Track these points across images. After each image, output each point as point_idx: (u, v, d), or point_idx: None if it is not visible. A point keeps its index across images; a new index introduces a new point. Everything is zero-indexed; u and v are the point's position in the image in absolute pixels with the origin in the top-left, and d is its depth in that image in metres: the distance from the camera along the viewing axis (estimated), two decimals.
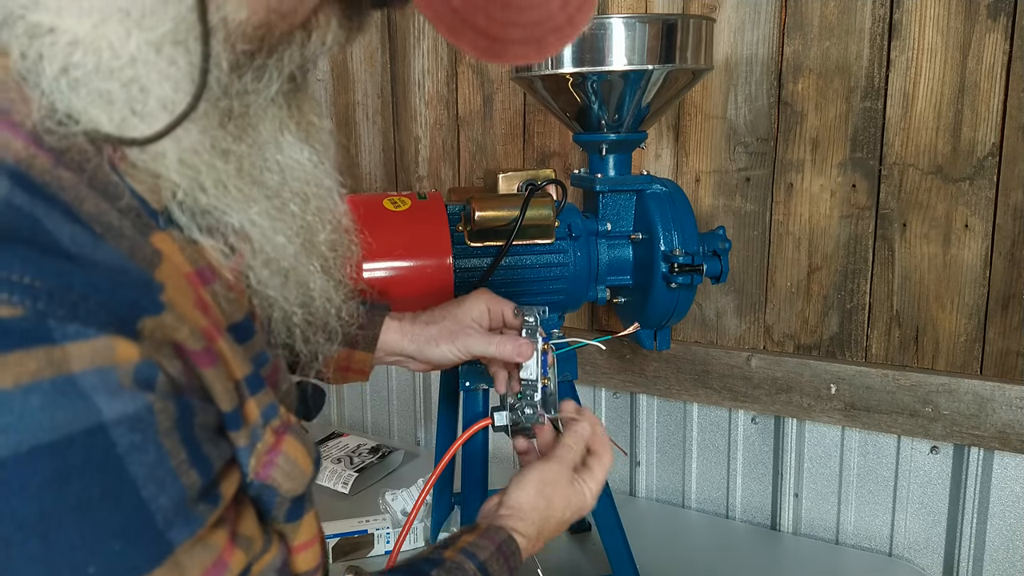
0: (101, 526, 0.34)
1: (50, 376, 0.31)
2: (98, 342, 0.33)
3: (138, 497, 0.34)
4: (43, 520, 0.32)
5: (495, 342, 0.79)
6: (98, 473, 0.33)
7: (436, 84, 1.52)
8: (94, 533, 0.33)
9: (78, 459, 0.32)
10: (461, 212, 0.98)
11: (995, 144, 1.11)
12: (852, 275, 1.23)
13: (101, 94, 0.37)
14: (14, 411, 0.31)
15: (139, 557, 0.35)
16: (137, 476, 0.34)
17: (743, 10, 1.23)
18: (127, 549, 0.34)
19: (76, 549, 0.33)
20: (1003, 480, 1.15)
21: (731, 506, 1.37)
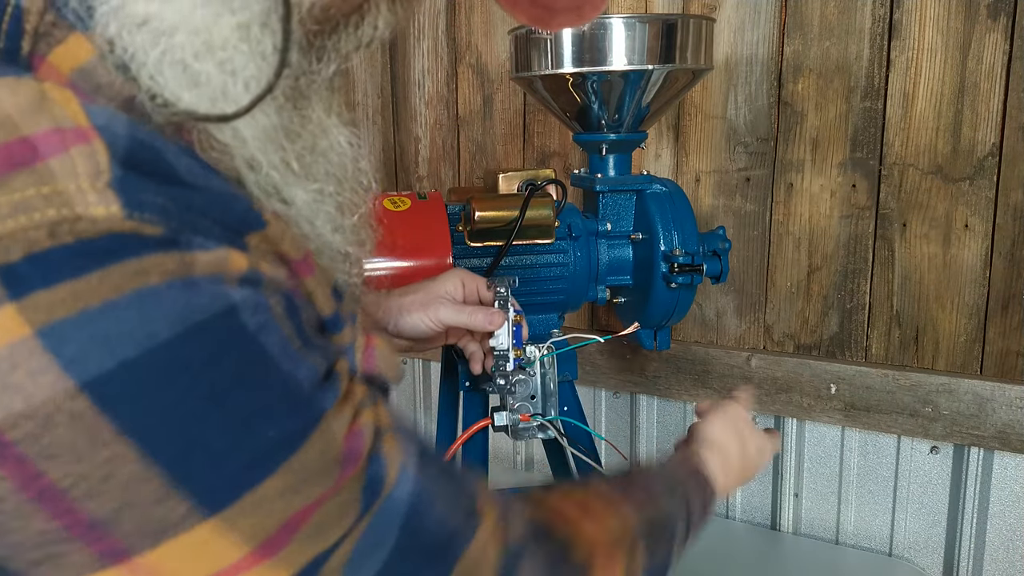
0: (262, 395, 0.36)
1: (182, 276, 0.34)
2: (220, 252, 0.36)
3: (280, 370, 0.37)
4: (213, 393, 0.34)
5: (467, 311, 0.80)
6: (240, 349, 0.36)
7: (436, 84, 1.52)
8: (255, 401, 0.36)
9: (222, 336, 0.35)
10: (461, 212, 0.98)
11: (995, 144, 1.11)
12: (852, 275, 1.23)
13: (198, 76, 0.39)
14: (164, 299, 0.33)
15: (299, 418, 0.38)
16: (273, 352, 0.37)
17: (743, 10, 1.23)
18: (286, 412, 0.37)
19: (244, 416, 0.35)
20: (1003, 480, 1.15)
21: (731, 506, 1.37)
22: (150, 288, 0.33)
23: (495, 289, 0.83)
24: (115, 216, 0.33)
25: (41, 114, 0.34)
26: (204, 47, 0.39)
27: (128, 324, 0.32)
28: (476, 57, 1.47)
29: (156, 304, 0.33)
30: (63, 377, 0.31)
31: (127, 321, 0.32)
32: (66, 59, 0.37)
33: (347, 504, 0.39)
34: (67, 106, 0.34)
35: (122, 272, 0.32)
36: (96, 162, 0.33)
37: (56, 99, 0.34)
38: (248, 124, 0.42)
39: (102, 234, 0.32)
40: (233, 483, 0.35)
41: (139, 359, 0.32)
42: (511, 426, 0.88)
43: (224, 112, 0.40)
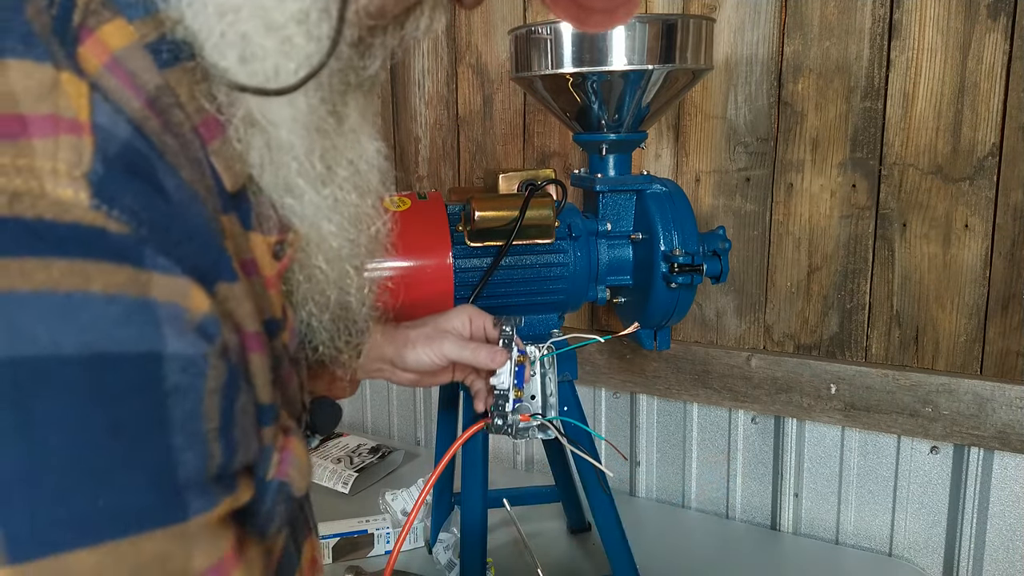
0: (127, 455, 0.33)
1: (133, 295, 0.32)
2: (180, 281, 0.34)
3: (168, 441, 0.34)
4: (79, 430, 0.31)
5: (470, 347, 0.80)
6: (141, 401, 0.33)
7: (436, 84, 1.52)
8: (120, 459, 0.32)
9: (130, 379, 0.32)
10: (461, 212, 0.98)
11: (995, 144, 1.11)
12: (852, 275, 1.23)
13: (256, 52, 0.41)
14: (93, 314, 0.32)
15: (153, 508, 0.34)
16: (173, 420, 0.34)
17: (743, 10, 1.23)
18: (144, 491, 0.33)
19: (97, 469, 0.32)
20: (1003, 480, 1.15)
21: (731, 506, 1.37)
22: (84, 295, 0.31)
23: (501, 328, 0.84)
24: (81, 203, 0.32)
25: (45, 100, 0.34)
26: (265, 26, 0.40)
27: (40, 323, 0.31)
28: (476, 57, 1.47)
29: (81, 313, 0.31)
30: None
31: (41, 319, 0.31)
32: (112, 37, 0.38)
33: None
34: (76, 99, 0.35)
35: (66, 267, 0.31)
36: (79, 153, 0.34)
37: (68, 91, 0.35)
38: (288, 104, 0.43)
39: (64, 221, 0.32)
40: (49, 537, 0.31)
41: (30, 361, 0.30)
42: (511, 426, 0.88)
43: (276, 87, 0.41)
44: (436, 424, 1.20)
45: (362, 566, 1.15)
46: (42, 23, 0.36)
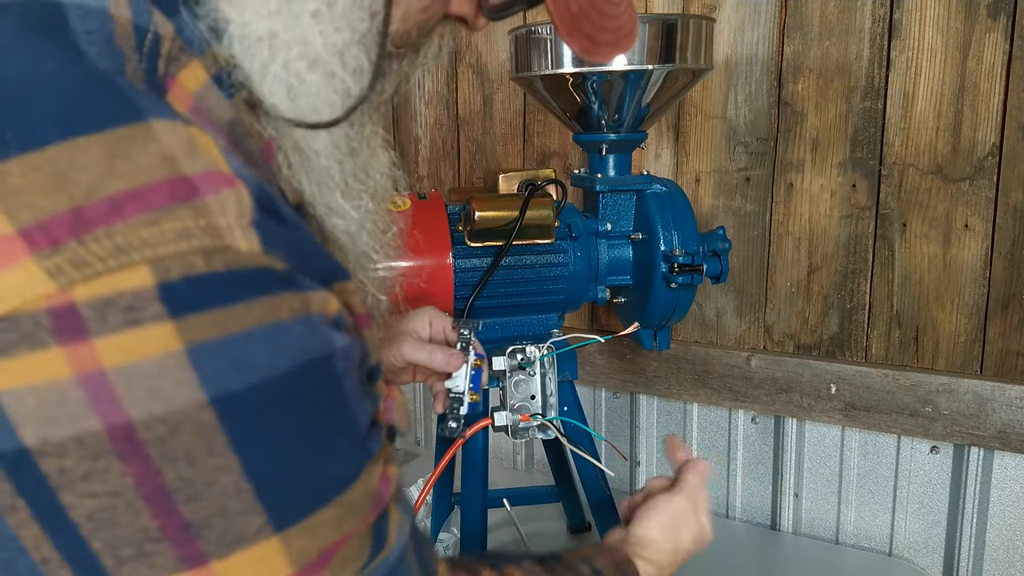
0: (337, 432, 0.41)
1: (304, 314, 0.39)
2: (322, 293, 0.40)
3: (351, 413, 0.42)
4: (310, 423, 0.39)
5: (427, 349, 0.81)
6: (332, 391, 0.40)
7: (436, 84, 1.52)
8: (334, 434, 0.40)
9: (322, 376, 0.40)
10: (461, 212, 0.98)
11: (995, 144, 1.11)
12: (852, 275, 1.23)
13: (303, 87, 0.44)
14: (291, 336, 0.38)
15: (356, 458, 0.42)
16: (349, 396, 0.42)
17: (743, 10, 1.23)
18: (349, 451, 0.42)
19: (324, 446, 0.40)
20: (1003, 480, 1.15)
21: (731, 506, 1.37)
22: (281, 323, 0.37)
23: (459, 331, 0.84)
24: (256, 251, 0.37)
25: (196, 157, 0.37)
26: (309, 62, 0.44)
27: (259, 353, 0.37)
28: (476, 57, 1.47)
29: (283, 338, 0.38)
30: (199, 391, 0.35)
31: (259, 351, 0.37)
32: (189, 81, 0.41)
33: (363, 546, 0.43)
34: (211, 152, 0.38)
35: (262, 306, 0.37)
36: (241, 204, 0.37)
37: (202, 144, 0.38)
38: (328, 133, 0.47)
39: (246, 267, 0.37)
40: (300, 506, 0.38)
41: (261, 385, 0.36)
42: (511, 426, 0.88)
43: (323, 120, 0.45)
44: (436, 424, 1.20)
45: None
46: (138, 79, 0.38)
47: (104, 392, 0.33)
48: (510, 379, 0.87)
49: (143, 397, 0.33)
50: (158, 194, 0.35)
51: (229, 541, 0.36)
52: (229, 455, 0.35)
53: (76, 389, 0.33)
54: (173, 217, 0.35)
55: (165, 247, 0.34)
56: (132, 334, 0.33)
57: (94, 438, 0.33)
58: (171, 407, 0.34)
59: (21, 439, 0.32)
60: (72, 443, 0.33)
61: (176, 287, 0.34)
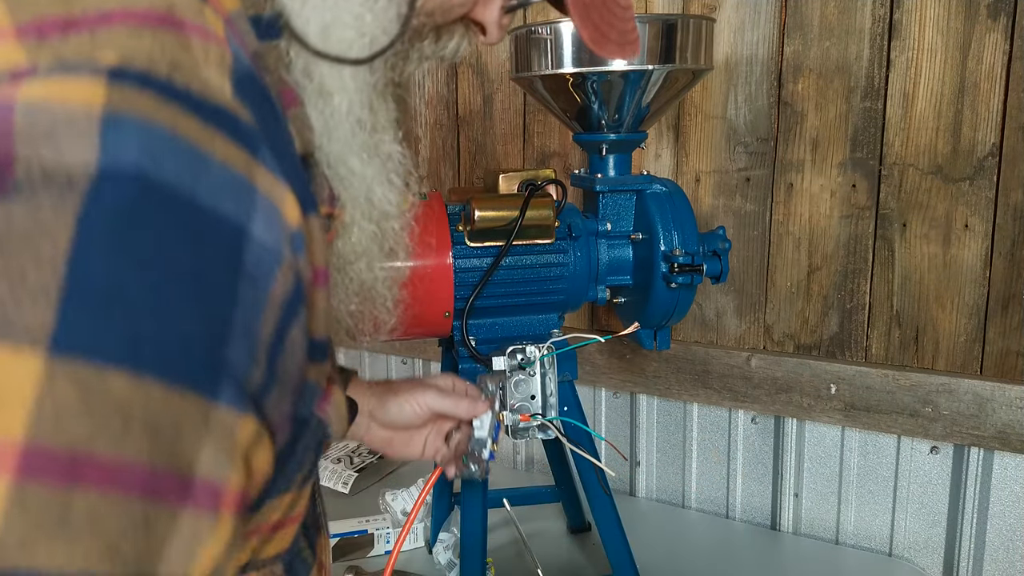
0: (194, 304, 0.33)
1: (241, 172, 0.36)
2: (280, 185, 0.37)
3: (229, 315, 0.34)
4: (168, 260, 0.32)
5: (452, 398, 0.82)
6: (219, 265, 0.34)
7: (436, 84, 1.52)
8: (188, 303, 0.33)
9: (216, 241, 0.34)
10: (461, 212, 0.98)
11: (995, 144, 1.11)
12: (852, 275, 1.23)
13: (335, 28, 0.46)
14: (208, 169, 0.34)
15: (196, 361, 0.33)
16: (239, 300, 0.34)
17: (743, 10, 1.23)
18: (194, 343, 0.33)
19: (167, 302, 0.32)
20: (1003, 480, 1.15)
21: (731, 506, 1.37)
22: (206, 153, 0.35)
23: (484, 383, 0.86)
24: (225, 91, 0.36)
25: (197, 14, 0.38)
26: (344, 5, 0.46)
27: (169, 161, 0.33)
28: (476, 57, 1.47)
29: (200, 166, 0.34)
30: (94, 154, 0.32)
31: (172, 158, 0.34)
32: (227, 1, 0.42)
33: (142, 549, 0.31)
34: (216, 24, 0.39)
35: (201, 130, 0.35)
36: (223, 59, 0.38)
37: (210, 16, 0.39)
38: (352, 77, 0.48)
39: (206, 96, 0.35)
40: (99, 343, 0.30)
41: (150, 185, 0.33)
42: (511, 426, 0.88)
43: (353, 57, 0.47)
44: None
45: (362, 566, 1.15)
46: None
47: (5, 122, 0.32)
48: (510, 379, 0.87)
49: (39, 138, 0.31)
50: (149, 17, 0.36)
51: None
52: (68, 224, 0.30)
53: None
54: (155, 35, 0.35)
55: (139, 48, 0.35)
56: (62, 81, 0.33)
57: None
58: (60, 157, 0.31)
59: None
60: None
61: (127, 71, 0.34)
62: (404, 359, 1.68)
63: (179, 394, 0.32)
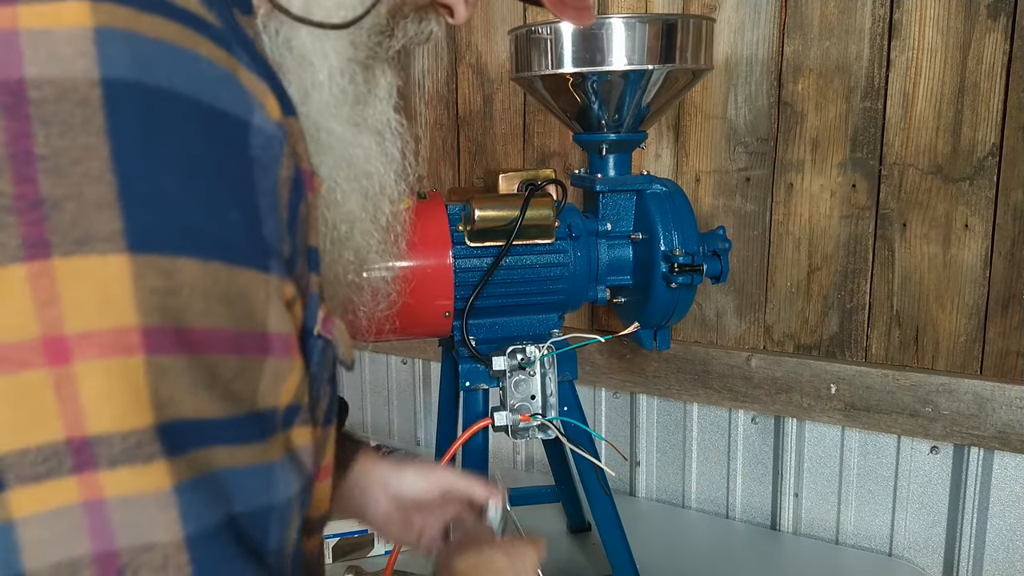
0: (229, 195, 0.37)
1: (228, 69, 0.38)
2: (259, 82, 0.39)
3: (255, 200, 0.38)
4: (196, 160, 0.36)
5: (467, 479, 0.78)
6: (235, 156, 0.37)
7: (436, 84, 1.52)
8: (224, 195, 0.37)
9: (227, 134, 0.37)
10: (461, 212, 0.98)
11: (995, 144, 1.11)
12: (852, 275, 1.23)
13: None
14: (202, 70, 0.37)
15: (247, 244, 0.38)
16: (257, 185, 0.38)
17: (743, 10, 1.23)
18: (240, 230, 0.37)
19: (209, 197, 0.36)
20: (1003, 480, 1.15)
21: (731, 506, 1.37)
22: (193, 52, 0.37)
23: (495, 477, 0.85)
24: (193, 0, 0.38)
25: None
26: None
27: (162, 65, 0.36)
28: (476, 57, 1.47)
29: (191, 65, 0.36)
30: (95, 67, 0.34)
31: (164, 60, 0.36)
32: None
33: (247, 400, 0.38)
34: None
35: (179, 30, 0.37)
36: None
37: None
38: (332, 46, 0.49)
39: (178, 4, 0.37)
40: (166, 235, 0.35)
41: (156, 90, 0.35)
42: (511, 426, 0.88)
43: (334, 22, 0.48)
44: (436, 424, 1.20)
45: (362, 566, 1.15)
46: None
47: (11, 48, 0.34)
48: (510, 379, 0.87)
49: (43, 59, 0.34)
50: None
51: (77, 237, 0.33)
52: (101, 137, 0.34)
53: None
54: None
55: None
56: (53, 4, 0.35)
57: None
58: (64, 73, 0.34)
59: None
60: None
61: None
62: (404, 359, 1.68)
63: (240, 271, 0.37)
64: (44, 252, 0.33)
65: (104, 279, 0.33)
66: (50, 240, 0.33)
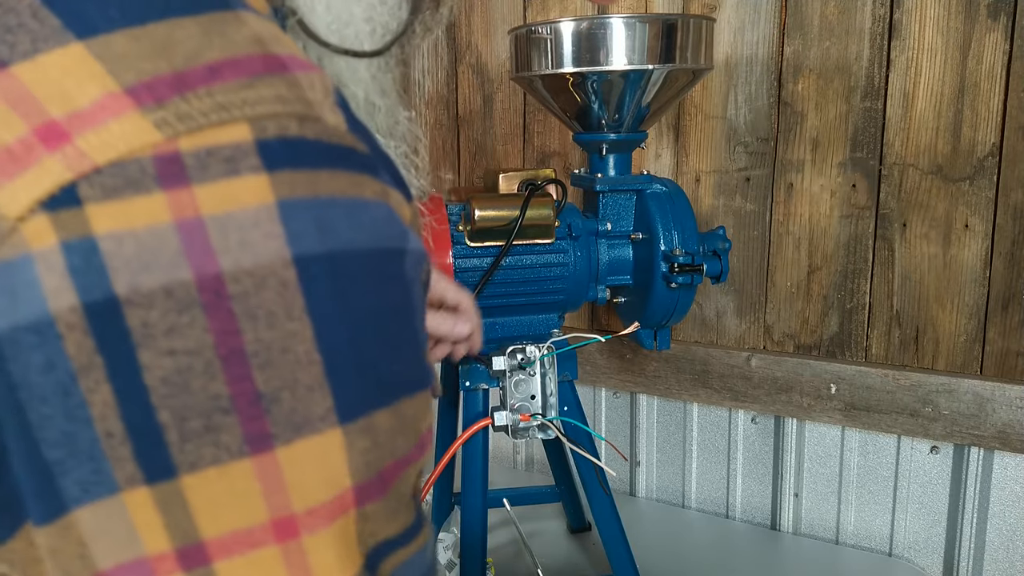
0: (403, 331, 0.39)
1: (384, 200, 0.38)
2: (398, 194, 0.40)
3: (416, 323, 0.40)
4: (379, 313, 0.38)
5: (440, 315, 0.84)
6: (400, 288, 0.39)
7: (436, 84, 1.52)
8: (400, 334, 0.39)
9: (396, 269, 0.38)
10: (461, 212, 0.98)
11: (995, 144, 1.11)
12: (852, 275, 1.23)
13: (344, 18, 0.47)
14: (372, 216, 0.37)
15: (418, 371, 0.40)
16: (415, 305, 0.40)
17: (743, 10, 1.23)
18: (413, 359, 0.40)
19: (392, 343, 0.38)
20: (1003, 480, 1.15)
21: (731, 506, 1.37)
22: (363, 200, 0.37)
23: None
24: (342, 129, 0.38)
25: (282, 44, 0.38)
26: None
27: (341, 222, 0.36)
28: (476, 57, 1.47)
29: (363, 214, 0.37)
30: (285, 247, 0.34)
31: (341, 220, 0.36)
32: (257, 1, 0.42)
33: (408, 499, 0.40)
34: (292, 44, 0.39)
35: (347, 179, 0.37)
36: (326, 85, 0.38)
37: (285, 37, 0.39)
38: (365, 68, 0.50)
39: (334, 140, 0.37)
40: (364, 397, 0.37)
41: (340, 254, 0.36)
42: (511, 426, 0.88)
43: (368, 49, 0.48)
44: (436, 424, 1.20)
45: None
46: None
47: (199, 240, 0.33)
48: (510, 379, 0.87)
49: (235, 248, 0.33)
50: (253, 64, 0.36)
51: (295, 423, 0.34)
52: (304, 320, 0.34)
53: (174, 235, 0.32)
54: (268, 84, 0.36)
55: (262, 107, 0.35)
56: (230, 183, 0.33)
57: (183, 288, 0.32)
58: (259, 260, 0.33)
59: (113, 287, 0.32)
60: (161, 293, 0.32)
61: (271, 144, 0.34)
62: None
63: (416, 398, 0.40)
64: (267, 445, 0.34)
65: (323, 456, 0.35)
66: (272, 432, 0.34)
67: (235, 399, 0.33)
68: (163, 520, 0.33)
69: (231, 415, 0.33)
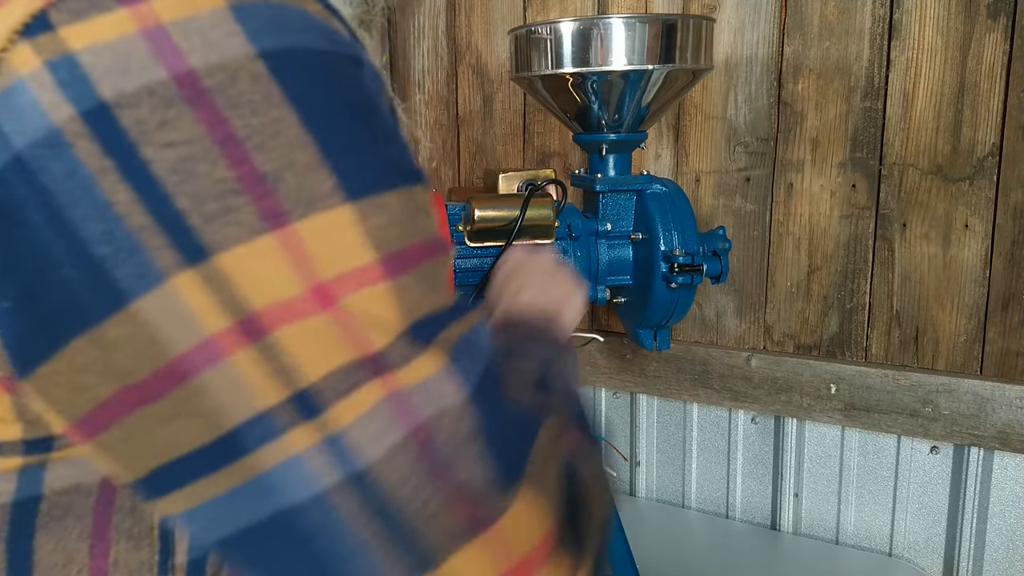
0: (385, 127, 0.41)
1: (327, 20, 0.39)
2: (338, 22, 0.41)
3: (390, 123, 0.41)
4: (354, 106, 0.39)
5: None
6: (364, 92, 0.40)
7: (436, 84, 1.52)
8: (379, 127, 0.40)
9: (352, 73, 0.39)
10: (461, 212, 0.98)
11: (995, 144, 1.11)
12: (852, 275, 1.23)
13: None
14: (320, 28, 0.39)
15: (410, 163, 0.42)
16: (382, 110, 0.41)
17: (743, 10, 1.23)
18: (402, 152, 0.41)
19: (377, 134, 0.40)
20: (1003, 480, 1.15)
21: (731, 506, 1.37)
22: (307, 11, 0.39)
23: None
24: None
25: None
26: None
27: (295, 24, 0.38)
28: (476, 57, 1.47)
29: (311, 21, 0.39)
30: (247, 44, 0.36)
31: (294, 22, 0.38)
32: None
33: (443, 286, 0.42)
34: None
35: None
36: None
37: None
38: None
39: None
40: (367, 178, 0.38)
41: (301, 51, 0.37)
42: None
43: None
44: None
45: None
46: None
47: (166, 44, 0.35)
48: None
49: (200, 47, 0.35)
50: None
51: (304, 199, 0.36)
52: (287, 106, 0.36)
53: (142, 42, 0.35)
54: None
55: None
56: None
57: (163, 86, 0.34)
58: (225, 56, 0.35)
59: (100, 93, 0.34)
60: (144, 92, 0.34)
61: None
62: None
63: (416, 189, 0.41)
64: (284, 220, 0.36)
65: (339, 230, 0.37)
66: (284, 208, 0.36)
67: (241, 180, 0.35)
68: (213, 298, 0.34)
69: (242, 195, 0.35)
